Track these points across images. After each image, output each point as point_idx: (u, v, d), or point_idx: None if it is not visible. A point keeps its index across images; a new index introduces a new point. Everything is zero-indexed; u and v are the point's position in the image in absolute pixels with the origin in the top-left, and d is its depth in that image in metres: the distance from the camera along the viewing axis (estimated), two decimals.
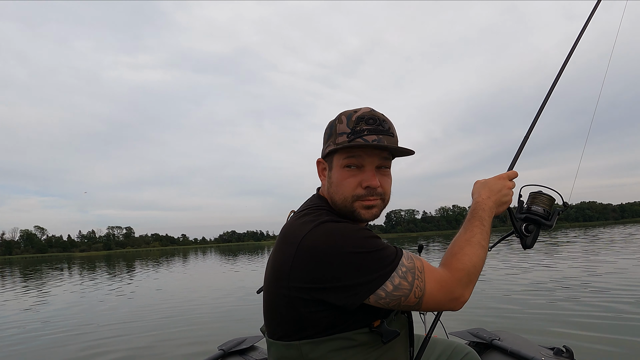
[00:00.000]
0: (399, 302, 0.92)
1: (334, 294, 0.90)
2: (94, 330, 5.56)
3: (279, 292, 0.96)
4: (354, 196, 1.01)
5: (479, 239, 1.04)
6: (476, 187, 1.19)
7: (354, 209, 1.02)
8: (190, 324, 5.64)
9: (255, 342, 2.35)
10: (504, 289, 6.73)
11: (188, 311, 6.62)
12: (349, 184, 1.01)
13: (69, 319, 6.61)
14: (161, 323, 5.75)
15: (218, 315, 6.18)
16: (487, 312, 5.08)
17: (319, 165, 1.13)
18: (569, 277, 7.75)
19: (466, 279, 0.97)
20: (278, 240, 1.03)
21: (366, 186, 1.00)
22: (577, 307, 5.03)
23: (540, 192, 1.28)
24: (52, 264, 38.03)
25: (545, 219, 1.24)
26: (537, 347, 1.85)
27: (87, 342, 4.92)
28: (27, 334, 5.62)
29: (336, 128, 1.03)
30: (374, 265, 0.91)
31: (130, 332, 5.29)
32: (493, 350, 1.91)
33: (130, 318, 6.26)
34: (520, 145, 1.38)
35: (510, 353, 1.81)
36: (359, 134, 0.98)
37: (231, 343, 2.32)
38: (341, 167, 1.02)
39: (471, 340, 2.05)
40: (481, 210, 1.10)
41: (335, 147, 1.00)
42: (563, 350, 1.77)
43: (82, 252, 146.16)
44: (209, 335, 4.87)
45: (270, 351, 1.05)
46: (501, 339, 1.97)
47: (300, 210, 1.09)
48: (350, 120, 1.01)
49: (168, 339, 4.83)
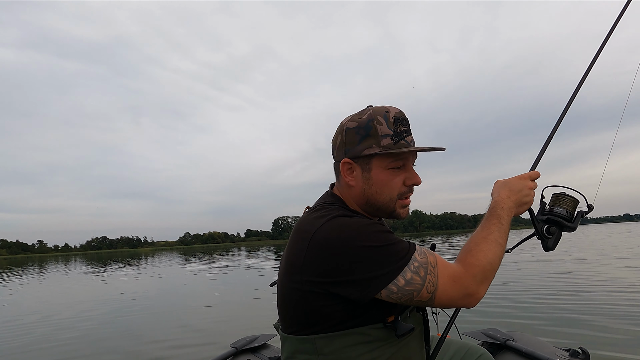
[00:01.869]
0: (411, 297, 0.91)
1: (346, 287, 0.90)
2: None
3: (293, 286, 0.96)
4: (399, 194, 1.03)
5: (497, 237, 1.00)
6: (496, 186, 1.16)
7: (395, 209, 1.04)
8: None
9: (268, 340, 2.31)
10: (519, 289, 6.56)
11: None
12: (395, 184, 1.03)
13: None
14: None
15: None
16: (501, 312, 4.92)
17: (344, 165, 1.06)
18: (585, 276, 7.65)
19: (481, 275, 0.94)
20: (291, 235, 1.03)
21: (410, 184, 1.04)
22: (594, 308, 4.88)
23: (563, 193, 1.22)
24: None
25: (568, 221, 1.18)
26: (552, 349, 1.80)
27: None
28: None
29: (376, 129, 1.00)
30: (386, 259, 0.90)
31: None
32: (507, 351, 1.85)
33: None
34: (543, 146, 1.32)
35: (524, 354, 1.74)
36: (400, 136, 1.00)
37: (243, 341, 2.29)
38: (386, 169, 1.02)
39: (484, 340, 2.00)
40: (500, 209, 1.07)
41: (383, 150, 0.99)
42: (579, 352, 1.69)
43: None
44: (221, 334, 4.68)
45: (285, 346, 1.03)
46: (515, 340, 1.91)
47: (313, 206, 1.09)
48: (389, 122, 1.00)
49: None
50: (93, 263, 32.46)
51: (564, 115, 1.37)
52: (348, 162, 1.05)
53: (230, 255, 30.14)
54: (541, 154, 1.31)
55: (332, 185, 1.15)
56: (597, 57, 1.45)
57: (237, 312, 6.47)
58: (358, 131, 1.02)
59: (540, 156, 1.31)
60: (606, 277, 7.50)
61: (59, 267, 29.00)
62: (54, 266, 31.00)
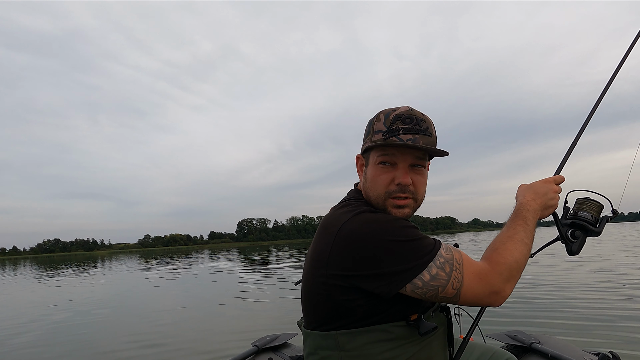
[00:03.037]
0: (436, 292, 0.91)
1: (371, 281, 0.90)
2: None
3: (318, 280, 0.96)
4: (386, 192, 1.01)
5: (522, 237, 1.00)
6: (520, 190, 1.16)
7: (386, 207, 1.02)
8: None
9: (289, 338, 2.34)
10: (545, 290, 6.36)
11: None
12: (382, 180, 1.01)
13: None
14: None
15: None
16: (526, 314, 4.73)
17: (358, 161, 1.13)
18: (616, 276, 7.36)
19: (507, 273, 0.93)
20: (318, 231, 1.03)
21: (398, 183, 1.00)
22: (626, 310, 4.64)
23: (588, 198, 1.22)
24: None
25: (593, 225, 1.18)
26: (580, 352, 1.73)
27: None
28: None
29: (374, 126, 1.04)
30: (412, 254, 0.90)
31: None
32: (532, 354, 1.79)
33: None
34: (568, 150, 1.31)
35: (550, 357, 1.68)
36: (394, 133, 0.99)
37: (265, 339, 2.30)
38: (375, 164, 1.03)
39: (509, 343, 1.94)
40: (525, 211, 1.07)
41: (371, 144, 1.02)
42: (609, 356, 1.63)
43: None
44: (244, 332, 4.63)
45: (307, 342, 1.03)
46: (541, 342, 1.86)
47: (339, 203, 1.10)
48: (388, 119, 1.01)
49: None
50: (44, 267, 30.70)
51: (590, 119, 1.37)
52: (359, 157, 1.13)
53: (193, 258, 29.41)
54: (566, 158, 1.30)
55: (357, 184, 1.16)
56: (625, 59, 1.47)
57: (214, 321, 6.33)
58: (366, 128, 1.08)
59: (564, 160, 1.29)
60: (638, 276, 7.24)
61: (6, 271, 27.21)
62: (0, 270, 29.06)
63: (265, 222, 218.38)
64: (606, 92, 1.41)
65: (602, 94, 1.41)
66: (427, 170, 1.09)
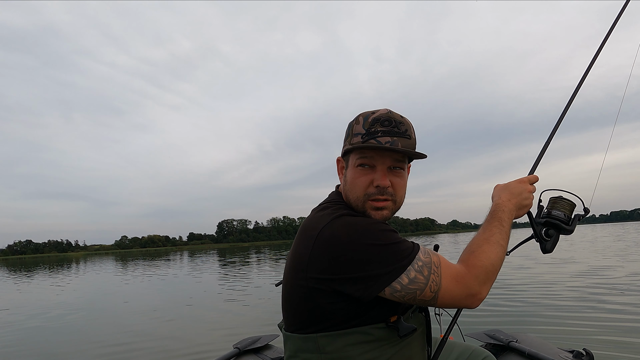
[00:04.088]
0: (414, 295, 0.92)
1: (351, 285, 0.91)
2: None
3: (298, 283, 0.97)
4: (365, 195, 1.02)
5: (498, 239, 1.03)
6: (496, 190, 1.19)
7: (365, 209, 1.03)
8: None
9: (271, 340, 2.33)
10: (522, 290, 6.51)
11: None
12: (361, 182, 1.02)
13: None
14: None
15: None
16: (504, 313, 4.87)
17: (339, 163, 1.14)
18: (588, 276, 7.62)
19: (484, 276, 0.95)
20: (298, 233, 1.04)
21: (376, 185, 1.01)
22: (599, 309, 4.82)
23: (561, 197, 1.25)
24: None
25: (565, 224, 1.21)
26: (555, 350, 1.79)
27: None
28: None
29: (353, 129, 1.05)
30: (391, 258, 0.91)
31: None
32: (510, 353, 1.83)
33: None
34: (541, 150, 1.36)
35: (527, 355, 1.74)
36: (373, 135, 1.00)
37: (246, 341, 2.29)
38: (355, 167, 1.04)
39: (488, 342, 1.98)
40: (501, 212, 1.09)
41: (350, 147, 1.03)
42: (583, 354, 1.68)
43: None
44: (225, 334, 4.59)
45: (287, 345, 1.04)
46: (519, 341, 1.91)
47: (319, 205, 1.10)
48: (367, 122, 1.02)
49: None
50: (15, 269, 29.66)
51: (560, 121, 1.42)
52: (340, 159, 1.14)
53: (171, 260, 28.91)
54: (539, 158, 1.34)
55: (338, 185, 1.17)
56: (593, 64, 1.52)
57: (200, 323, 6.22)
58: (346, 131, 1.09)
59: (538, 160, 1.34)
60: (610, 277, 7.49)
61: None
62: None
63: (245, 223, 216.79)
64: (574, 98, 1.47)
65: (571, 99, 1.46)
66: (408, 172, 1.10)
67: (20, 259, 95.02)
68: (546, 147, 1.37)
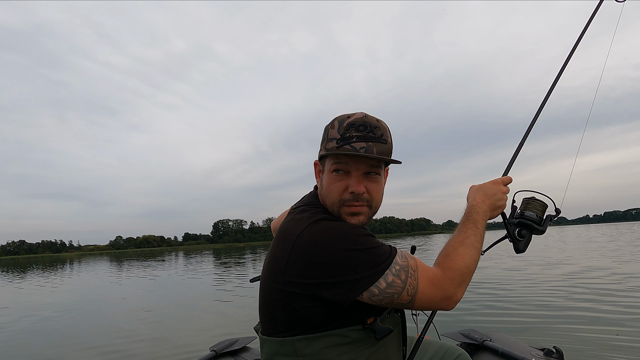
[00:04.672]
0: (392, 299, 0.93)
1: (328, 289, 0.91)
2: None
3: (275, 287, 0.96)
4: (340, 200, 1.02)
5: (473, 241, 1.04)
6: (471, 191, 1.20)
7: (341, 215, 1.02)
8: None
9: (248, 342, 2.31)
10: (496, 290, 6.70)
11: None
12: (336, 188, 1.02)
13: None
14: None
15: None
16: (479, 313, 5.01)
17: (316, 166, 1.14)
18: (559, 277, 7.87)
19: (459, 279, 0.97)
20: (276, 236, 1.03)
21: (351, 191, 1.00)
22: (568, 308, 5.01)
23: (533, 198, 1.27)
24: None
25: (537, 225, 1.24)
26: (527, 348, 1.86)
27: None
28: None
29: (328, 133, 1.04)
30: (368, 262, 0.91)
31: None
32: (484, 351, 1.90)
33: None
34: (514, 152, 1.39)
35: (501, 354, 1.80)
36: (347, 141, 0.99)
37: (223, 344, 2.26)
38: (330, 172, 1.03)
39: (463, 341, 2.04)
40: (475, 213, 1.11)
41: (325, 152, 1.03)
42: (553, 351, 1.77)
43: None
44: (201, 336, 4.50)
45: (264, 348, 1.03)
46: (492, 340, 1.97)
47: (297, 206, 1.10)
48: (342, 126, 1.01)
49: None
50: (9, 270, 29.41)
51: (534, 124, 1.46)
52: (317, 163, 1.13)
53: (162, 260, 28.77)
54: (513, 160, 1.38)
55: (316, 186, 1.16)
56: (565, 66, 1.57)
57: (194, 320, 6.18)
58: (322, 135, 1.08)
59: (512, 162, 1.37)
60: (577, 277, 7.83)
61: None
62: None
63: (241, 223, 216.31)
64: (547, 99, 1.51)
65: (542, 104, 1.50)
66: (386, 175, 1.11)
67: (14, 260, 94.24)
68: (519, 150, 1.41)
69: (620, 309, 4.78)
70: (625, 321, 4.24)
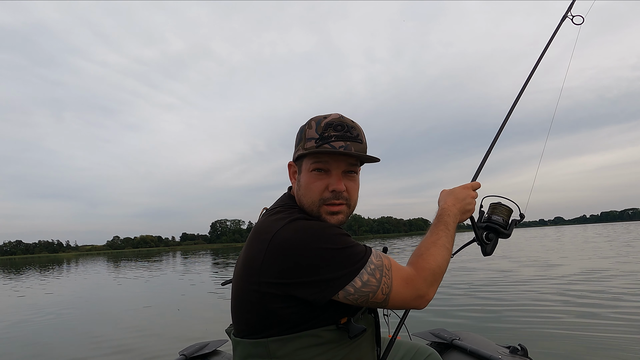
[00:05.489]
0: (367, 298, 0.94)
1: (305, 289, 0.91)
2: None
3: (250, 287, 0.95)
4: (320, 199, 1.03)
5: (444, 242, 1.08)
6: (442, 195, 1.25)
7: (320, 214, 1.03)
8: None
9: (219, 345, 2.27)
10: (465, 291, 6.84)
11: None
12: (316, 187, 1.03)
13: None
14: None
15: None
16: (448, 313, 5.14)
17: (290, 168, 1.14)
18: (519, 277, 8.11)
19: (431, 278, 0.99)
20: (250, 237, 1.03)
21: (332, 190, 1.02)
22: (532, 307, 5.22)
23: (499, 203, 1.32)
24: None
25: (504, 228, 1.29)
26: (494, 346, 1.92)
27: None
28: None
29: (305, 133, 1.05)
30: (344, 262, 0.92)
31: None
32: (453, 350, 1.96)
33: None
34: (483, 159, 1.45)
35: (469, 352, 1.86)
36: (326, 140, 1.00)
37: (193, 348, 2.21)
38: (309, 171, 1.04)
39: (433, 340, 2.10)
40: (446, 216, 1.15)
41: (304, 152, 1.03)
42: (518, 349, 1.85)
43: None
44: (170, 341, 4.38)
45: (237, 351, 1.02)
46: (461, 339, 2.03)
47: (272, 208, 1.09)
48: (319, 126, 1.02)
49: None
50: (5, 270, 29.28)
51: (502, 129, 1.53)
52: (292, 164, 1.13)
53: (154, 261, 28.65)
54: (481, 165, 1.43)
55: (290, 188, 1.17)
56: (532, 74, 1.65)
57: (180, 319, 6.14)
58: (297, 135, 1.10)
59: (480, 168, 1.43)
60: (540, 276, 8.11)
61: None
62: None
63: (239, 223, 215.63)
64: (517, 102, 1.59)
65: (511, 108, 1.57)
66: (358, 176, 1.13)
67: (10, 260, 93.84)
68: (487, 157, 1.47)
69: (586, 310, 4.91)
70: (590, 317, 4.43)
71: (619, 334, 3.75)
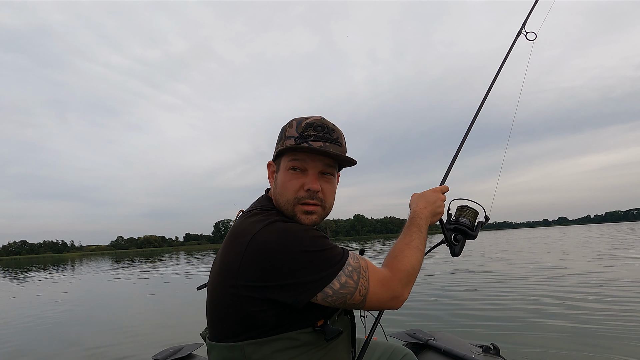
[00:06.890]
0: (344, 300, 0.95)
1: (283, 292, 0.92)
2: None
3: (227, 291, 0.95)
4: (295, 198, 1.03)
5: (417, 244, 1.11)
6: (413, 198, 1.29)
7: (295, 214, 1.04)
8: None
9: (193, 349, 2.25)
10: (439, 292, 6.95)
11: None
12: (292, 185, 1.04)
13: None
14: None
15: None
16: (423, 313, 5.25)
17: (269, 167, 1.15)
18: (493, 277, 8.31)
19: (406, 279, 1.02)
20: (227, 239, 1.02)
21: (307, 189, 1.03)
22: (504, 307, 5.35)
23: (466, 205, 1.39)
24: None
25: (470, 230, 1.35)
26: (468, 346, 1.99)
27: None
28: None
29: (286, 132, 1.07)
30: (323, 264, 0.93)
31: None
32: (428, 350, 2.01)
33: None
34: (450, 163, 1.50)
35: (444, 352, 1.92)
36: (305, 139, 1.02)
37: (167, 352, 2.20)
38: (286, 170, 1.05)
39: (408, 341, 2.15)
40: (419, 219, 1.18)
41: (282, 148, 1.04)
42: (491, 348, 1.93)
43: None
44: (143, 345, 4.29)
45: (212, 355, 1.02)
46: (436, 339, 2.09)
47: (249, 210, 1.09)
48: (300, 126, 1.04)
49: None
50: (10, 270, 29.43)
51: (467, 135, 1.60)
52: (271, 164, 1.15)
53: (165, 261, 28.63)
54: (449, 170, 1.49)
55: (268, 189, 1.18)
56: (494, 82, 1.75)
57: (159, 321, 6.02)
58: (278, 135, 1.12)
59: (448, 172, 1.49)
60: (515, 276, 8.30)
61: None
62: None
63: None
64: (483, 104, 1.65)
65: (477, 112, 1.62)
66: (337, 181, 1.15)
67: (15, 260, 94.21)
68: (454, 160, 1.51)
69: (558, 310, 4.98)
70: (561, 318, 4.53)
71: (587, 332, 3.85)
